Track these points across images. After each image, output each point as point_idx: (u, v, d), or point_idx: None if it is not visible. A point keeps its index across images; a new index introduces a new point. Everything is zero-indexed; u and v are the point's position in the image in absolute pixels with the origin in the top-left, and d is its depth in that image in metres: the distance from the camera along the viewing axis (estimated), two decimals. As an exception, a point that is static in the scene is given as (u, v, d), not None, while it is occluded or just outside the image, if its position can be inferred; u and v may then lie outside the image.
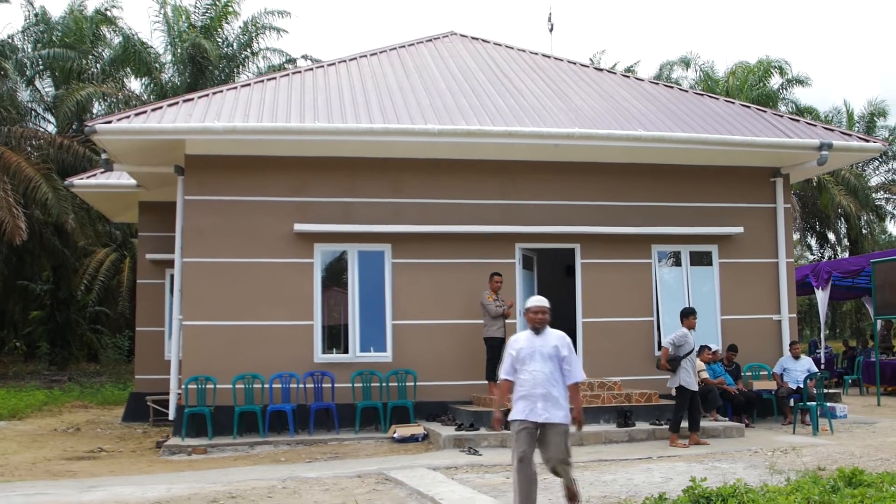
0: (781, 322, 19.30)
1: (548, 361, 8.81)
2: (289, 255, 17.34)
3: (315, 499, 10.77)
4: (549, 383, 8.74)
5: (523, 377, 8.80)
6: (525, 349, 8.90)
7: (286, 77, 19.64)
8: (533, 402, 8.69)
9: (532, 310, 9.08)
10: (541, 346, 8.88)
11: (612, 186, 18.72)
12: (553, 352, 8.86)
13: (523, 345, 8.96)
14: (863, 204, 40.21)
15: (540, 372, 8.76)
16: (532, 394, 8.72)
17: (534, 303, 9.13)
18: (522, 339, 9.06)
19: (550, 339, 8.95)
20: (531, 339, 8.97)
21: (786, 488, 9.51)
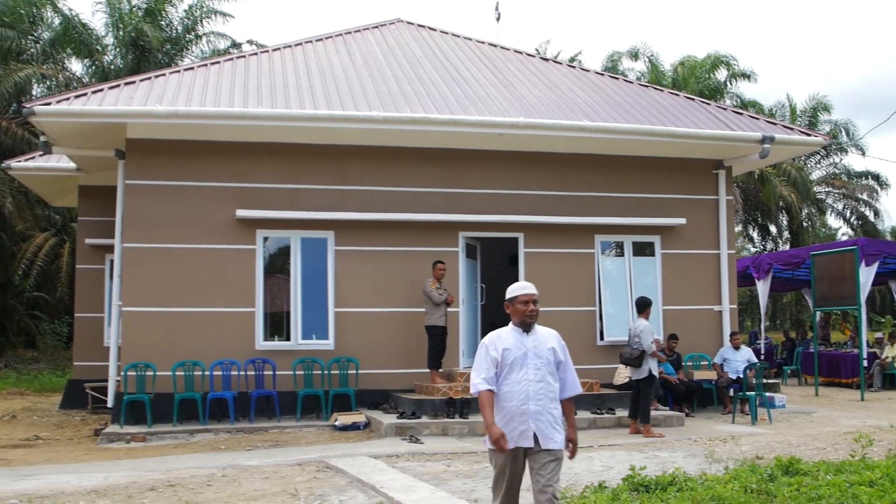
0: (722, 313, 19.47)
1: (542, 369, 6.83)
2: (231, 241, 17.19)
3: (255, 487, 10.69)
4: (546, 397, 6.79)
5: (510, 389, 6.79)
6: (513, 351, 6.84)
7: (230, 62, 19.44)
8: (523, 421, 6.71)
9: (521, 299, 7.01)
10: (534, 347, 6.89)
11: (557, 176, 18.76)
12: (550, 356, 6.91)
13: (510, 345, 6.87)
14: (804, 197, 40.67)
15: (534, 382, 6.78)
16: (523, 411, 6.73)
17: (523, 290, 7.07)
18: (507, 337, 6.95)
19: (545, 340, 7.00)
20: (520, 338, 6.93)
21: (724, 477, 9.61)
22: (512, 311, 7.08)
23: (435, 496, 9.57)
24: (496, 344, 6.94)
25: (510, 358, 6.84)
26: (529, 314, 6.99)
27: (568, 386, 7.02)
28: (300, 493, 10.19)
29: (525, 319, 6.98)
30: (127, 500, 10.02)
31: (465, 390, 16.14)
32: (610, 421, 15.72)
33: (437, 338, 16.79)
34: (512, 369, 6.82)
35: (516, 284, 7.25)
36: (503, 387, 6.83)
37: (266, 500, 9.86)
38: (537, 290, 7.09)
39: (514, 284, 7.26)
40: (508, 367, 6.83)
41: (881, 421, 16.51)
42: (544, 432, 6.74)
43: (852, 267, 21.72)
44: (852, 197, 45.67)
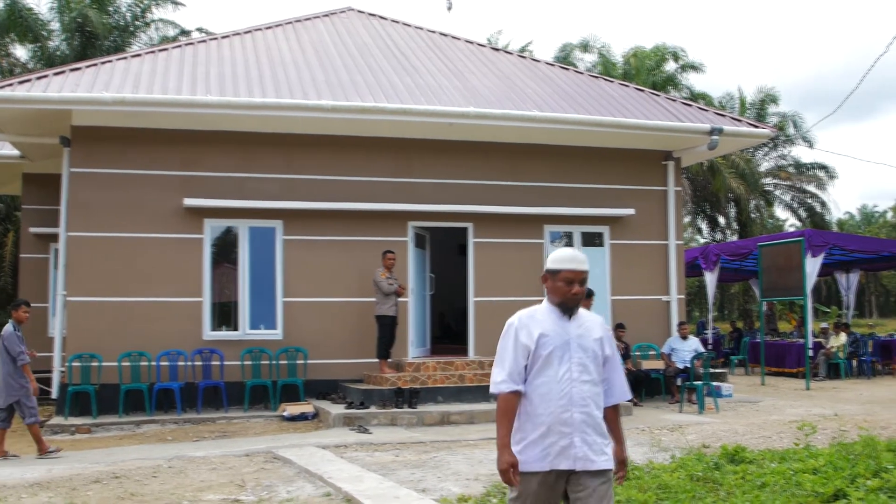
0: (670, 303, 19.62)
1: (589, 365, 5.20)
2: (178, 230, 17.04)
3: (202, 478, 10.61)
4: (592, 402, 5.18)
5: (548, 389, 5.12)
6: (552, 339, 5.17)
7: (178, 49, 19.24)
8: (565, 434, 5.09)
9: (564, 275, 5.24)
10: (578, 336, 5.22)
11: (506, 166, 18.78)
12: (597, 348, 5.26)
13: (548, 331, 5.19)
14: (752, 188, 40.96)
15: (578, 382, 5.13)
16: (564, 420, 5.09)
17: (569, 263, 5.27)
18: (544, 319, 5.25)
19: (591, 328, 5.32)
20: (560, 322, 5.24)
21: (670, 465, 9.68)
22: (550, 286, 5.31)
23: (383, 486, 9.55)
24: (529, 327, 5.21)
25: (548, 347, 5.14)
26: (573, 297, 5.24)
27: (616, 389, 5.41)
28: (247, 484, 10.13)
29: (566, 302, 5.24)
30: (71, 492, 9.89)
31: (413, 380, 16.13)
32: (559, 410, 15.72)
33: (386, 327, 16.76)
34: (549, 363, 5.13)
35: (561, 253, 5.37)
36: (536, 386, 5.14)
37: (213, 492, 9.78)
38: (586, 266, 5.31)
39: (557, 252, 5.39)
40: (545, 360, 5.13)
41: (825, 410, 16.70)
42: (592, 448, 5.12)
43: (798, 258, 21.93)
44: (800, 189, 46.10)
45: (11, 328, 12.90)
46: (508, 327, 5.31)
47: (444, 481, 10.03)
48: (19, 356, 12.74)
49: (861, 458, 9.14)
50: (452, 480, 10.07)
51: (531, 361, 5.16)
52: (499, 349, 5.29)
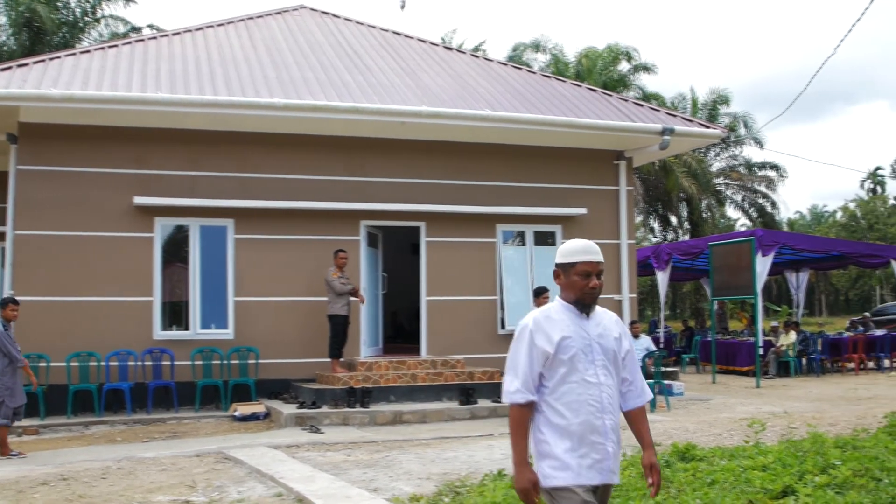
0: (622, 302, 19.71)
1: (611, 366, 4.83)
2: (128, 228, 16.88)
3: (151, 479, 10.51)
4: (616, 406, 4.86)
5: (578, 396, 4.70)
6: (574, 341, 4.74)
7: (129, 45, 19.08)
8: (598, 445, 4.68)
9: (580, 268, 4.81)
10: (598, 336, 4.82)
11: (459, 165, 18.79)
12: (616, 348, 4.88)
13: (570, 332, 4.75)
14: (704, 188, 41.25)
15: (607, 386, 4.77)
16: (597, 428, 4.69)
17: (584, 255, 4.84)
18: (561, 319, 4.81)
19: (609, 326, 4.92)
20: (578, 322, 4.81)
21: (622, 463, 9.68)
22: (564, 282, 4.86)
23: (334, 486, 9.51)
24: (546, 330, 4.75)
25: (570, 351, 4.71)
26: (591, 291, 4.80)
27: (640, 389, 5.01)
28: (198, 485, 10.05)
29: (584, 298, 4.80)
30: (17, 495, 9.76)
31: (366, 379, 16.09)
32: (511, 409, 15.74)
33: (338, 327, 16.71)
34: (574, 368, 4.70)
35: (573, 245, 4.91)
36: (561, 394, 4.70)
37: (163, 493, 9.70)
38: (601, 257, 4.89)
39: (568, 244, 4.92)
40: (568, 365, 4.70)
41: (775, 407, 16.85)
42: (616, 460, 4.81)
43: (749, 257, 22.12)
44: (750, 188, 46.50)
45: (1, 327, 12.79)
46: (522, 331, 4.83)
47: (395, 481, 10.01)
48: (16, 359, 12.69)
49: (809, 455, 9.22)
50: (404, 480, 10.05)
51: (550, 367, 4.71)
52: (510, 355, 4.84)
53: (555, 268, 4.94)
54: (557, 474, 4.66)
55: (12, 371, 12.70)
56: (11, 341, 12.78)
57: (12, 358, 12.66)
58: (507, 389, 4.81)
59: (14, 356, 12.68)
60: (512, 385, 4.78)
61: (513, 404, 4.76)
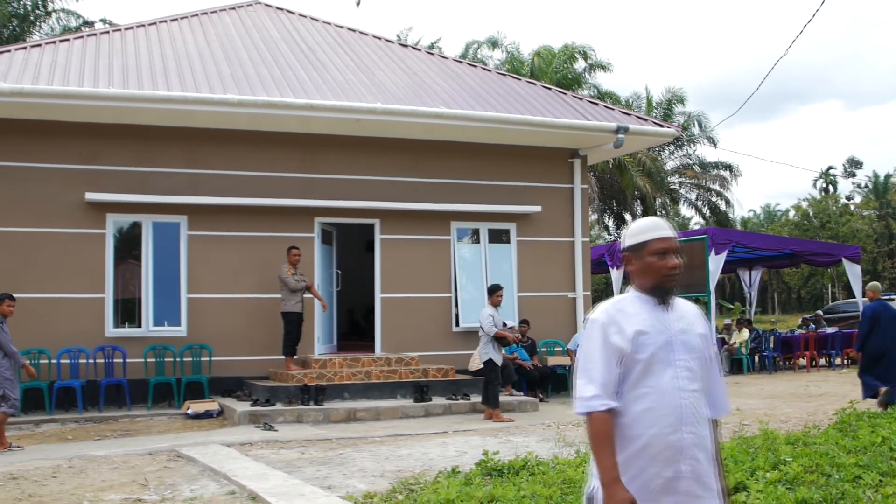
0: (576, 299, 19.80)
1: (696, 367, 4.05)
2: (79, 225, 16.71)
3: (103, 478, 10.42)
4: (702, 418, 4.04)
5: (652, 404, 3.96)
6: (653, 337, 4.01)
7: (81, 40, 18.88)
8: (671, 462, 3.95)
9: (654, 246, 4.10)
10: (681, 331, 4.07)
11: (414, 163, 18.79)
12: (702, 346, 4.11)
13: (646, 327, 4.02)
14: (658, 187, 41.59)
15: (689, 392, 3.99)
16: (673, 444, 3.94)
17: (657, 231, 4.14)
18: (637, 312, 4.08)
19: (692, 320, 4.16)
20: (657, 314, 4.08)
21: (575, 460, 9.76)
22: (637, 267, 4.15)
23: (288, 483, 9.47)
24: (620, 323, 4.02)
25: (648, 349, 3.98)
26: (671, 274, 4.09)
27: (720, 400, 4.22)
28: (150, 483, 9.97)
29: (664, 282, 4.08)
30: (-35, 493, 9.65)
31: (320, 377, 16.06)
32: (465, 406, 15.83)
33: (292, 324, 16.64)
34: (650, 369, 3.97)
35: (641, 223, 4.24)
36: (633, 400, 3.98)
37: (114, 491, 9.61)
38: (674, 232, 4.19)
39: (636, 224, 4.27)
40: (645, 366, 3.97)
41: (727, 404, 16.97)
42: (701, 481, 3.99)
43: (702, 255, 22.29)
44: (704, 187, 46.92)
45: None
46: (592, 325, 4.08)
47: (349, 478, 9.99)
48: (14, 353, 12.74)
49: (761, 451, 9.32)
50: (358, 477, 10.03)
51: (625, 368, 3.99)
52: (582, 355, 4.07)
53: (623, 253, 4.24)
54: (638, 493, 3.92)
55: (10, 364, 12.75)
56: (8, 338, 12.77)
57: (10, 355, 12.69)
58: (583, 395, 3.98)
59: (13, 353, 12.73)
60: (587, 390, 3.97)
61: (591, 413, 3.95)
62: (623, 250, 4.23)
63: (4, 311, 12.99)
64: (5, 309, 12.99)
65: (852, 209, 67.03)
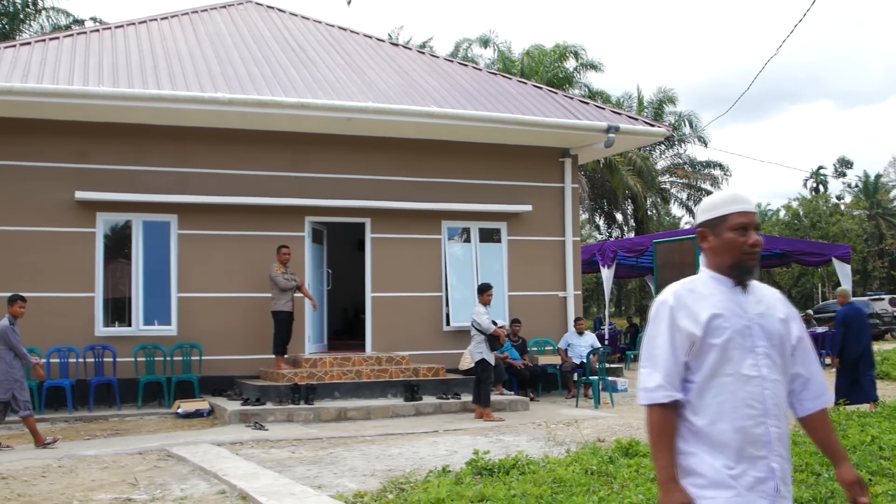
0: (567, 299, 19.81)
1: (776, 356, 3.68)
2: (69, 224, 16.67)
3: (92, 477, 10.40)
4: (784, 411, 3.70)
5: (732, 394, 3.59)
6: (728, 320, 3.64)
7: (70, 38, 18.83)
8: (758, 460, 3.57)
9: (734, 220, 3.73)
10: (760, 315, 3.69)
11: (405, 162, 18.77)
12: (784, 332, 3.74)
13: (722, 309, 3.66)
14: (649, 186, 41.61)
15: (770, 381, 3.64)
16: (756, 437, 3.57)
17: (737, 204, 3.76)
18: (711, 294, 3.72)
19: (773, 304, 3.78)
20: (733, 296, 3.71)
21: (565, 459, 9.76)
22: (713, 244, 3.78)
23: (278, 483, 9.47)
24: (691, 306, 3.67)
25: (723, 334, 3.61)
26: (752, 252, 3.71)
27: (819, 386, 3.83)
28: (140, 483, 9.96)
29: (744, 261, 3.70)
30: (-46, 493, 9.61)
31: (310, 376, 16.04)
32: (455, 406, 15.83)
33: (283, 323, 16.62)
34: (727, 356, 3.59)
35: (720, 196, 3.86)
36: (710, 391, 3.60)
37: (104, 491, 9.59)
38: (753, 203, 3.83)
39: (714, 197, 3.90)
40: (721, 353, 3.59)
41: (718, 403, 17.01)
42: (786, 481, 3.65)
43: (692, 254, 22.27)
44: (695, 186, 46.95)
45: (7, 323, 12.82)
46: (659, 309, 3.74)
47: (340, 477, 9.99)
48: (24, 355, 12.82)
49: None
50: (349, 476, 10.02)
51: (697, 356, 3.63)
52: (646, 341, 3.74)
53: (697, 229, 3.85)
54: (708, 494, 3.55)
55: (20, 365, 12.82)
56: (18, 338, 12.84)
57: (21, 356, 12.77)
58: (646, 386, 3.67)
59: (23, 354, 12.80)
60: (651, 380, 3.65)
61: (652, 405, 3.64)
62: (698, 225, 3.85)
63: (16, 312, 13.06)
64: (17, 310, 13.07)
65: (842, 209, 67.02)
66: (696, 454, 3.60)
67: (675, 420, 3.63)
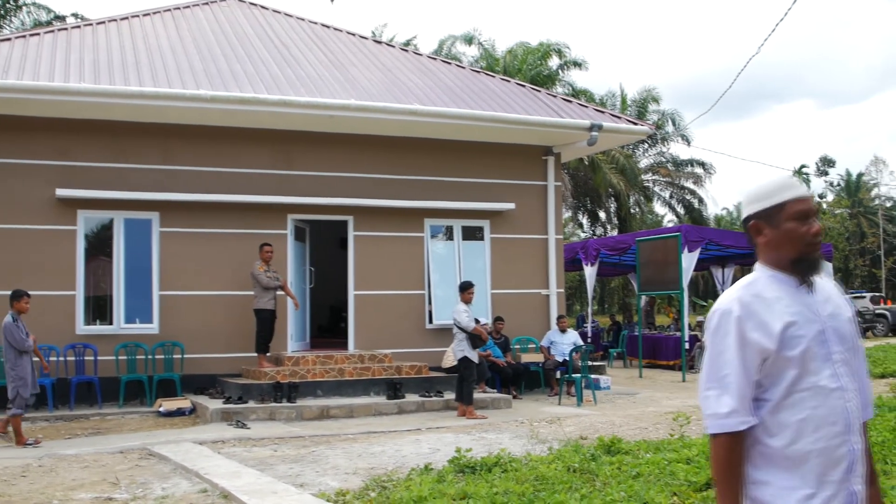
0: (549, 296, 19.81)
1: (853, 361, 3.27)
2: (50, 221, 16.57)
3: (73, 476, 10.33)
4: (860, 421, 3.24)
5: (813, 412, 3.14)
6: (800, 326, 3.19)
7: (51, 34, 18.71)
8: (843, 486, 3.14)
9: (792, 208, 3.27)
10: (830, 315, 3.27)
11: (388, 160, 18.73)
12: (853, 333, 3.32)
13: (795, 316, 3.20)
14: (632, 184, 41.62)
15: (851, 392, 3.21)
16: (841, 458, 3.14)
17: (795, 188, 3.31)
18: (776, 297, 3.24)
19: (838, 301, 3.35)
20: (799, 297, 3.26)
21: (548, 457, 9.75)
22: (770, 238, 3.31)
23: (261, 481, 9.43)
24: (760, 315, 3.19)
25: (800, 344, 3.16)
26: (815, 243, 3.28)
27: (866, 397, 3.33)
28: (121, 482, 9.90)
29: (809, 253, 3.26)
30: (-67, 492, 9.54)
31: (293, 374, 15.99)
32: (438, 404, 15.81)
33: (265, 321, 16.58)
34: (806, 368, 3.15)
35: (771, 181, 3.37)
36: (787, 410, 3.15)
37: (85, 490, 9.53)
38: None
39: (765, 183, 3.38)
40: (799, 365, 3.15)
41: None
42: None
43: (675, 253, 22.33)
44: (678, 185, 47.01)
45: (11, 319, 12.80)
46: (724, 320, 3.23)
47: (322, 476, 9.95)
48: (20, 343, 12.78)
49: (733, 448, 9.32)
50: (331, 475, 9.99)
51: (771, 373, 3.18)
52: (710, 358, 3.24)
53: (750, 222, 3.37)
54: None
55: (25, 362, 12.80)
56: (21, 332, 12.81)
57: (17, 345, 12.73)
58: (716, 412, 3.18)
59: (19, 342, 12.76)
60: (722, 405, 3.16)
61: (722, 433, 3.17)
62: (750, 218, 3.36)
63: (22, 308, 13.04)
64: (23, 306, 13.06)
65: (825, 207, 67.37)
66: (770, 484, 3.16)
67: (744, 448, 3.18)
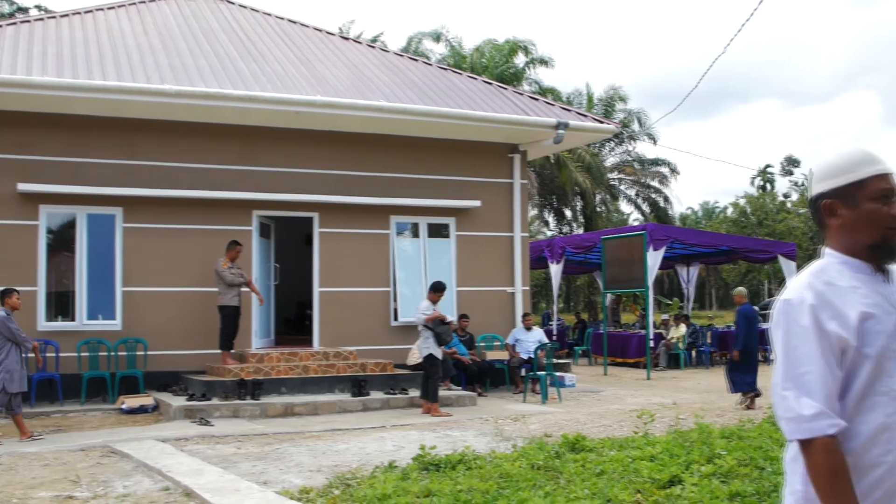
0: (515, 294, 19.82)
1: None
2: (11, 216, 16.40)
3: (33, 475, 10.22)
4: None
5: (882, 422, 2.74)
6: (878, 319, 2.78)
7: (13, 26, 18.49)
8: None
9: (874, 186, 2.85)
10: None
11: (354, 156, 18.67)
12: None
13: (872, 307, 2.79)
14: (598, 183, 41.77)
15: None
16: None
17: (878, 162, 2.88)
18: (851, 286, 2.83)
19: None
20: (875, 286, 2.86)
21: (512, 455, 9.76)
22: (848, 217, 2.92)
23: (223, 479, 9.38)
24: (836, 304, 2.80)
25: (878, 339, 2.79)
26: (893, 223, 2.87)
27: None
28: (82, 480, 9.81)
29: (891, 237, 2.87)
30: None
31: (257, 371, 15.91)
32: (403, 401, 15.78)
33: (229, 318, 16.49)
34: (882, 367, 2.78)
35: (849, 153, 2.94)
36: (862, 414, 2.77)
37: (45, 489, 9.43)
38: None
39: (839, 154, 2.95)
40: (874, 364, 2.77)
41: (664, 399, 17.11)
42: None
43: (641, 251, 22.41)
44: (644, 184, 47.20)
45: (4, 314, 12.74)
46: (796, 310, 2.82)
47: (286, 473, 9.91)
48: (24, 342, 12.81)
49: (696, 445, 9.40)
50: (295, 472, 9.95)
51: (848, 368, 2.78)
52: (783, 353, 2.81)
53: (821, 201, 2.97)
54: None
55: (19, 357, 12.75)
56: (16, 327, 12.81)
57: (14, 339, 12.69)
58: (800, 414, 2.72)
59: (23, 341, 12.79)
60: (804, 406, 2.72)
61: (814, 440, 2.71)
62: (822, 196, 2.96)
63: (14, 305, 13.03)
64: (14, 302, 13.04)
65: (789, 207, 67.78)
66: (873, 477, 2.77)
67: (844, 455, 2.71)
